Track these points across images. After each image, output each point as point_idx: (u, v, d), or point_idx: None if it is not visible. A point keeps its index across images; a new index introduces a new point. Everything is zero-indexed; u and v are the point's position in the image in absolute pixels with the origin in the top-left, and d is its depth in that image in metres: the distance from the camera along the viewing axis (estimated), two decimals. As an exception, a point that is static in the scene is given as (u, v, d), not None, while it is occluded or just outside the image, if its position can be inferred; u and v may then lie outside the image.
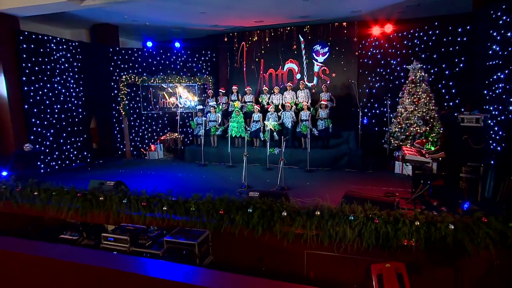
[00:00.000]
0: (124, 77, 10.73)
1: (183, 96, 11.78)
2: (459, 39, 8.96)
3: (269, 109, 9.58)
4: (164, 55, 11.76)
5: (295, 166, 8.87)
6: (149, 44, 11.37)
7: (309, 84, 11.16)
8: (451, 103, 8.79)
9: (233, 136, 9.65)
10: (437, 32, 9.11)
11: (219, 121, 10.21)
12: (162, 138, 11.54)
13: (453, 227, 3.85)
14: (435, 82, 8.95)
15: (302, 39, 11.22)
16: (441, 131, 6.64)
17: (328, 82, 10.93)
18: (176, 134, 11.43)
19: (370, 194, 4.77)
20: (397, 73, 9.68)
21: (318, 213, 4.41)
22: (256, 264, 4.96)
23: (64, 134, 9.24)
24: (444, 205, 5.29)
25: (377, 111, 10.16)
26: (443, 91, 8.96)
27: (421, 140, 6.97)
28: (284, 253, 4.69)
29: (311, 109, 9.65)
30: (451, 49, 8.92)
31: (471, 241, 3.82)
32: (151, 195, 5.49)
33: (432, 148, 5.84)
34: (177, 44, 11.71)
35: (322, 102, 9.24)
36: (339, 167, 8.53)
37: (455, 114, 5.87)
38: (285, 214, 4.56)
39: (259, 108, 9.83)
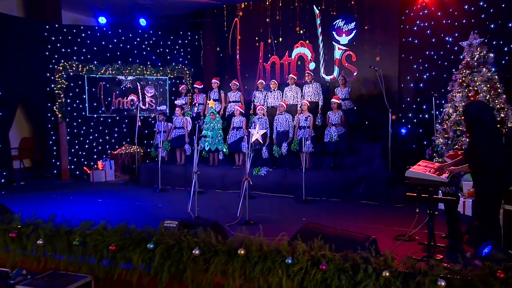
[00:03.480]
0: (61, 65, 10.98)
1: (148, 95, 11.85)
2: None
3: (257, 111, 9.50)
4: (124, 36, 12.00)
5: (290, 194, 8.68)
6: (102, 20, 11.63)
7: (328, 77, 10.86)
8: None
9: (207, 149, 9.60)
10: (514, -13, 8.50)
11: (189, 129, 10.11)
12: (115, 152, 11.57)
13: (444, 283, 3.24)
14: (509, 67, 8.26)
15: (317, 12, 11.02)
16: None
17: (355, 74, 10.54)
18: (135, 146, 11.42)
19: (336, 229, 4.26)
20: (454, 56, 9.09)
21: (243, 252, 3.99)
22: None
23: (-35, 143, 9.45)
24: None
25: (426, 116, 9.56)
26: (522, 80, 8.21)
27: (455, 151, 6.40)
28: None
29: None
30: (535, 12, 8.24)
31: (478, 310, 3.26)
32: (27, 222, 5.34)
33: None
34: (142, 22, 11.87)
35: (334, 100, 8.87)
36: (353, 198, 8.26)
37: (487, 106, 5.18)
38: (197, 252, 4.22)
39: (242, 110, 9.69)
